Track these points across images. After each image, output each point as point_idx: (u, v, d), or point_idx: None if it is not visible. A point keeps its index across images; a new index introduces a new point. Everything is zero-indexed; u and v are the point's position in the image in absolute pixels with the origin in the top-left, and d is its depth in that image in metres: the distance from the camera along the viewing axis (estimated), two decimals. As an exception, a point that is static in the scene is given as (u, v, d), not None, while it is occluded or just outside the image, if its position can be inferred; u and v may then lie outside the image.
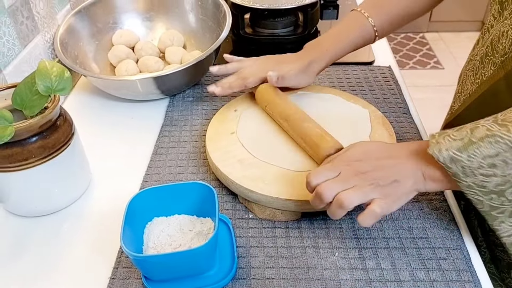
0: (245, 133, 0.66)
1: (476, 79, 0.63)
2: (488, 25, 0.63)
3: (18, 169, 0.55)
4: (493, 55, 0.58)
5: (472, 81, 0.65)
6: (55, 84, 0.53)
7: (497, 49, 0.57)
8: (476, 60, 0.64)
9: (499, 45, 0.57)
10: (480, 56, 0.62)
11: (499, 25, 0.59)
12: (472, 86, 0.64)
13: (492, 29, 0.61)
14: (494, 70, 0.58)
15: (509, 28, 0.54)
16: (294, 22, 0.99)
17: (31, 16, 0.73)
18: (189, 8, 0.92)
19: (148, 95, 0.79)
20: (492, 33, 0.60)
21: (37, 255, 0.56)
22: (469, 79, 0.66)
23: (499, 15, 0.60)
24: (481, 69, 0.62)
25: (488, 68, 0.60)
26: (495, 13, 0.61)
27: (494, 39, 0.58)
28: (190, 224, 0.54)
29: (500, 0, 0.59)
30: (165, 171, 0.66)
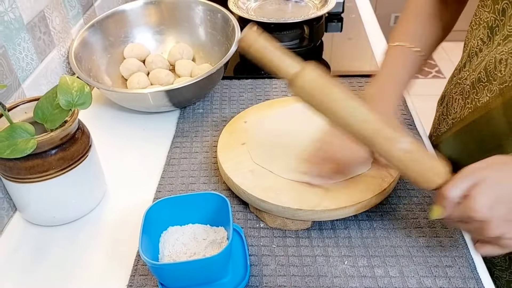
0: (255, 144, 0.68)
1: (467, 103, 0.63)
2: (476, 48, 0.63)
3: (38, 180, 0.57)
4: (489, 82, 0.58)
5: (462, 106, 0.64)
6: (75, 98, 0.55)
7: (495, 77, 0.57)
8: (466, 84, 0.63)
9: (496, 73, 0.57)
10: (471, 80, 0.62)
11: (491, 51, 0.59)
12: (463, 110, 0.64)
13: (481, 53, 0.61)
14: (491, 97, 0.58)
15: (508, 56, 0.54)
16: (300, 35, 1.02)
17: (47, 32, 0.75)
18: (198, 22, 0.95)
19: (159, 108, 0.81)
20: (484, 58, 0.60)
21: (55, 263, 0.58)
22: (458, 102, 0.66)
23: (489, 39, 0.60)
24: (473, 94, 0.61)
25: (483, 95, 0.59)
26: (484, 38, 0.61)
27: (489, 66, 0.58)
28: (204, 233, 0.56)
29: (489, 25, 0.59)
30: (177, 181, 0.68)
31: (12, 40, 0.65)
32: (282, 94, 0.86)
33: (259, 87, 0.88)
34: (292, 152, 0.66)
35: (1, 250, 0.60)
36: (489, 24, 0.59)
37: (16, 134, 0.54)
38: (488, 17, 0.59)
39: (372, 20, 1.15)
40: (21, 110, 0.61)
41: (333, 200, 0.58)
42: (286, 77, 0.53)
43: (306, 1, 1.06)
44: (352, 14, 1.16)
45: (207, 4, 0.93)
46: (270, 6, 1.05)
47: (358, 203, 0.58)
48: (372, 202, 0.59)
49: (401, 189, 0.65)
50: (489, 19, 0.59)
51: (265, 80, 0.90)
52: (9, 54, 0.64)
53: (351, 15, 1.16)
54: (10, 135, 0.53)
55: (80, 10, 0.88)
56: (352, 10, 1.18)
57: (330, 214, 0.58)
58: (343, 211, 0.58)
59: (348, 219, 0.60)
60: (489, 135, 0.60)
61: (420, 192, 0.64)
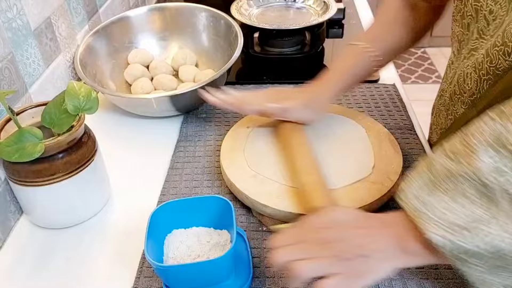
0: (253, 151, 0.69)
1: (448, 115, 0.64)
2: (449, 61, 0.65)
3: (45, 184, 0.58)
4: (461, 95, 0.60)
5: (445, 117, 0.66)
6: (83, 103, 0.56)
7: (464, 89, 0.58)
8: (446, 97, 0.65)
9: (465, 86, 0.58)
10: (449, 93, 0.63)
11: (460, 64, 0.60)
12: (446, 121, 0.66)
13: (453, 65, 0.63)
14: (466, 109, 0.59)
15: (472, 70, 0.56)
16: (301, 41, 1.03)
17: (54, 38, 0.77)
18: (201, 29, 0.96)
19: (163, 112, 0.82)
20: (456, 71, 0.61)
21: (61, 265, 0.59)
22: (442, 114, 0.67)
23: (458, 52, 0.61)
24: (452, 106, 0.63)
25: (459, 107, 0.61)
26: (455, 50, 0.63)
27: (460, 79, 0.59)
28: (207, 236, 0.57)
29: (459, 39, 0.61)
30: (181, 185, 0.69)
31: (19, 46, 0.67)
32: (284, 99, 0.87)
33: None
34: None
35: (8, 252, 0.61)
36: (459, 37, 0.61)
37: (25, 138, 0.55)
38: (458, 31, 0.61)
39: (373, 26, 1.16)
40: (29, 115, 0.62)
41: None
42: None
43: (307, 8, 1.08)
44: (352, 21, 1.18)
45: (210, 11, 0.94)
46: (272, 13, 1.07)
47: (359, 207, 0.59)
48: (372, 207, 0.60)
49: (401, 193, 0.66)
50: (459, 33, 0.61)
51: (267, 85, 0.92)
52: (16, 60, 0.66)
53: (352, 21, 1.18)
54: (19, 139, 0.54)
55: (85, 17, 0.89)
56: (352, 17, 1.19)
57: (331, 218, 0.59)
58: (344, 215, 0.59)
59: (349, 223, 0.61)
60: None
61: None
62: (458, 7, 0.59)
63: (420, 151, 0.73)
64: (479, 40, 0.56)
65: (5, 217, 0.62)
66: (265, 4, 1.10)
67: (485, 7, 0.54)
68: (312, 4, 1.08)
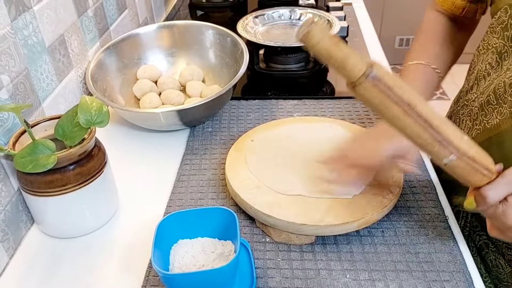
0: (257, 163, 0.71)
1: (475, 125, 0.65)
2: (484, 72, 0.65)
3: (56, 194, 0.60)
4: (499, 105, 0.60)
5: (470, 127, 0.67)
6: (94, 117, 0.59)
7: (505, 100, 0.59)
8: (474, 106, 0.66)
9: (506, 96, 0.59)
10: (479, 103, 0.64)
11: (500, 75, 0.61)
12: (471, 131, 0.66)
13: (489, 77, 0.64)
14: (501, 119, 0.60)
15: None
16: (305, 58, 1.06)
17: (66, 54, 0.80)
18: (208, 45, 0.99)
19: (170, 126, 0.84)
20: (493, 82, 0.62)
21: (71, 274, 0.60)
22: (465, 124, 0.68)
23: (497, 64, 0.62)
24: (482, 116, 0.63)
25: (493, 117, 0.61)
26: (493, 62, 0.63)
27: (499, 89, 0.60)
28: (212, 246, 0.59)
29: (498, 51, 0.61)
30: (187, 196, 0.71)
31: (34, 62, 0.69)
32: (287, 114, 0.89)
33: (266, 107, 0.92)
34: (293, 170, 0.69)
35: (19, 261, 0.63)
36: (498, 49, 0.62)
37: (38, 150, 0.57)
38: (497, 43, 0.62)
39: (376, 44, 1.19)
40: (42, 128, 0.65)
41: (336, 216, 0.61)
42: (349, 80, 0.49)
43: (311, 26, 1.11)
44: (356, 38, 1.20)
45: (217, 28, 0.97)
46: (277, 31, 1.10)
47: (360, 219, 0.60)
48: (373, 218, 0.62)
49: (402, 206, 0.67)
50: (498, 45, 0.61)
51: (271, 100, 0.94)
52: (31, 75, 0.69)
53: (355, 39, 1.20)
54: (33, 151, 0.57)
55: (97, 34, 0.92)
56: (356, 34, 1.22)
57: (333, 229, 0.60)
58: (346, 227, 0.60)
59: (351, 235, 0.63)
60: (499, 157, 0.61)
61: (420, 210, 0.66)
62: (501, 18, 0.60)
63: (420, 165, 0.75)
64: None
65: (17, 227, 0.65)
66: (271, 22, 1.13)
67: None
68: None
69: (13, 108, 0.57)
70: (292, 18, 1.14)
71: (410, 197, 0.69)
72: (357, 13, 1.36)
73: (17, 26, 0.65)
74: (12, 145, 0.60)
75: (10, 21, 0.63)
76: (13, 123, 0.64)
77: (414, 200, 0.68)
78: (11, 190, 0.63)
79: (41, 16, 0.71)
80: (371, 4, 1.62)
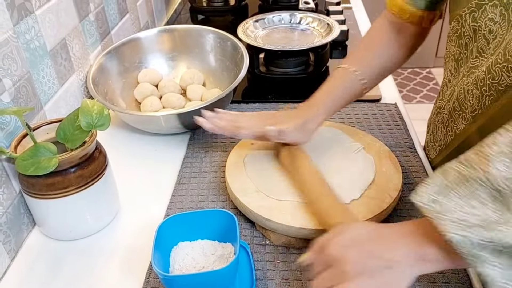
0: (257, 167, 0.71)
1: (448, 131, 0.67)
2: (446, 79, 0.68)
3: (57, 197, 0.61)
4: (462, 111, 0.62)
5: (445, 133, 0.69)
6: (95, 120, 0.59)
7: (466, 106, 0.61)
8: (445, 114, 0.68)
9: (466, 102, 0.61)
10: (448, 110, 0.66)
11: (459, 82, 0.63)
12: (446, 137, 0.68)
13: (450, 83, 0.66)
14: (466, 124, 0.62)
15: (473, 87, 0.59)
16: (305, 61, 1.06)
17: (68, 58, 0.81)
18: (209, 49, 1.00)
19: (171, 130, 0.85)
20: (454, 89, 0.64)
21: (72, 276, 0.61)
22: (441, 130, 0.70)
23: (456, 71, 0.64)
24: (452, 122, 0.66)
25: (460, 123, 0.64)
26: (452, 69, 0.65)
27: (460, 96, 0.62)
28: (212, 248, 0.59)
29: (456, 58, 0.63)
30: (187, 199, 0.71)
31: (36, 66, 0.70)
32: (288, 117, 0.90)
33: (266, 110, 0.92)
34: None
35: (21, 263, 0.63)
36: (456, 56, 0.64)
37: (40, 153, 0.58)
38: (454, 51, 0.64)
39: (375, 48, 1.19)
40: (43, 131, 0.65)
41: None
42: None
43: (311, 30, 1.12)
44: (356, 42, 1.21)
45: (217, 32, 0.98)
46: (277, 34, 1.11)
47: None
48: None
49: (401, 209, 0.67)
50: (455, 52, 0.63)
51: (271, 104, 0.95)
52: (33, 79, 0.69)
53: (355, 42, 1.21)
54: (34, 154, 0.57)
55: (98, 38, 0.93)
56: (356, 38, 1.23)
57: (332, 232, 0.60)
58: (345, 229, 0.60)
59: (350, 237, 0.63)
60: None
61: (419, 212, 0.66)
62: (455, 27, 0.62)
63: (420, 168, 0.75)
64: (479, 58, 0.58)
65: (19, 229, 0.65)
66: (271, 26, 1.14)
67: (483, 27, 0.56)
68: (316, 26, 1.12)
69: (15, 111, 0.57)
70: (292, 22, 1.14)
71: (409, 200, 0.69)
72: (357, 16, 1.37)
73: (19, 30, 0.65)
74: (14, 148, 0.60)
75: (13, 25, 0.64)
76: (15, 126, 0.65)
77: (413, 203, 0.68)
78: (12, 193, 0.64)
79: (43, 20, 0.72)
80: (371, 8, 1.63)
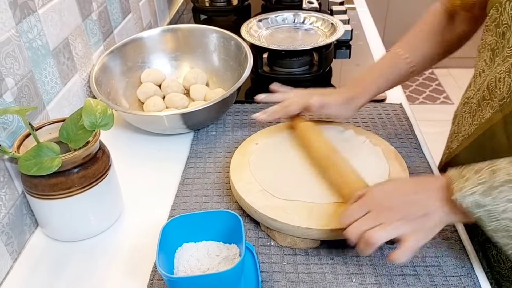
0: (262, 167, 0.70)
1: (474, 120, 0.67)
2: (480, 69, 0.68)
3: (60, 197, 0.60)
4: (491, 99, 0.63)
5: (470, 123, 0.69)
6: (99, 120, 0.58)
7: (495, 94, 0.61)
8: (473, 103, 0.68)
9: (496, 90, 0.61)
10: (477, 99, 0.66)
11: (492, 71, 0.63)
12: (471, 127, 0.68)
13: (484, 73, 0.66)
14: (493, 113, 0.62)
15: (506, 74, 0.59)
16: (309, 61, 1.06)
17: (71, 57, 0.80)
18: (212, 49, 0.99)
19: (174, 130, 0.84)
20: (486, 78, 0.64)
21: (75, 277, 0.60)
22: (466, 120, 0.70)
23: (491, 61, 0.64)
24: (479, 112, 0.66)
25: (486, 111, 0.64)
26: (487, 59, 0.65)
27: (491, 84, 0.62)
28: (217, 250, 0.58)
29: (492, 47, 0.63)
30: (191, 200, 0.71)
31: (39, 65, 0.69)
32: (292, 117, 0.89)
33: (270, 111, 0.91)
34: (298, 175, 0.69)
35: (23, 264, 0.62)
36: (492, 46, 0.63)
37: (43, 153, 0.57)
38: (491, 40, 0.63)
39: (379, 47, 1.19)
40: (46, 131, 0.65)
41: (342, 219, 0.60)
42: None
43: (315, 30, 1.11)
44: (360, 42, 1.20)
45: (221, 32, 0.97)
46: (281, 34, 1.10)
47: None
48: (379, 222, 0.61)
49: (408, 210, 0.67)
50: (492, 42, 0.63)
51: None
52: (36, 78, 0.69)
53: (359, 42, 1.20)
54: (37, 154, 0.57)
55: (101, 37, 0.92)
56: (360, 38, 1.22)
57: (338, 233, 0.59)
58: (351, 230, 0.60)
59: (356, 238, 0.62)
60: (490, 151, 0.64)
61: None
62: (493, 16, 0.61)
63: (426, 169, 0.74)
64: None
65: (21, 230, 0.64)
66: (274, 26, 1.13)
67: None
68: (320, 25, 1.11)
69: (18, 111, 0.57)
70: (296, 21, 1.14)
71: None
72: (361, 17, 1.36)
73: (22, 29, 0.65)
74: (17, 148, 0.60)
75: (15, 24, 0.63)
76: (18, 126, 0.64)
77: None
78: (15, 193, 0.63)
79: (45, 19, 0.71)
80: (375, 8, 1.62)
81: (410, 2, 2.74)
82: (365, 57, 1.13)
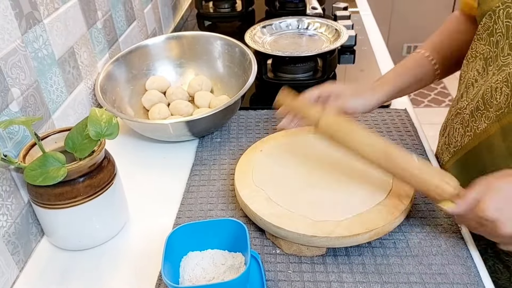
0: (266, 174, 0.70)
1: (467, 132, 0.67)
2: (472, 79, 0.67)
3: (66, 207, 0.60)
4: (486, 110, 0.62)
5: (462, 134, 0.68)
6: (104, 129, 0.59)
7: (491, 104, 0.61)
8: (466, 114, 0.67)
9: (492, 100, 0.60)
10: (470, 110, 0.66)
11: (487, 81, 0.62)
12: (463, 138, 0.68)
13: (477, 83, 0.65)
14: (489, 123, 0.61)
15: (503, 84, 0.58)
16: (313, 67, 1.06)
17: (76, 66, 0.80)
18: (217, 56, 0.99)
19: (179, 137, 0.84)
20: (481, 88, 0.63)
21: (80, 286, 0.60)
22: (458, 132, 0.69)
23: (483, 70, 0.63)
24: (472, 122, 0.65)
25: (482, 122, 0.63)
26: (479, 69, 0.65)
27: (486, 94, 0.61)
28: (222, 258, 0.58)
29: (485, 57, 0.63)
30: (196, 208, 0.71)
31: (44, 75, 0.70)
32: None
33: (275, 117, 0.91)
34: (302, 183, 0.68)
35: (30, 273, 0.63)
36: (485, 55, 0.63)
37: (48, 163, 0.57)
38: (484, 49, 0.63)
39: (384, 52, 1.19)
40: (52, 140, 0.65)
41: (347, 227, 0.60)
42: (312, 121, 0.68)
43: (319, 35, 1.11)
44: (364, 47, 1.20)
45: (225, 39, 0.98)
46: (285, 40, 1.10)
47: (371, 230, 0.59)
48: (385, 230, 0.61)
49: (414, 217, 0.66)
50: (485, 51, 0.63)
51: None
52: (41, 88, 0.69)
53: (363, 47, 1.20)
54: (43, 164, 0.57)
55: (106, 46, 0.93)
56: (364, 43, 1.22)
57: (344, 241, 0.59)
58: (357, 238, 0.59)
59: (362, 246, 0.62)
60: (489, 161, 0.63)
61: (432, 221, 0.66)
62: (486, 24, 0.61)
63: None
64: (511, 55, 0.58)
65: (27, 239, 0.65)
66: (278, 32, 1.13)
67: None
68: (324, 31, 1.11)
69: (23, 122, 0.57)
70: (300, 27, 1.14)
71: (421, 207, 0.68)
72: (364, 21, 1.36)
73: (27, 39, 0.65)
74: (23, 158, 0.60)
75: (21, 35, 0.64)
76: (23, 136, 0.64)
77: (426, 210, 0.67)
78: (21, 203, 0.63)
79: (51, 29, 0.72)
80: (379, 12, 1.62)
81: (414, 5, 2.73)
82: (370, 62, 1.13)
